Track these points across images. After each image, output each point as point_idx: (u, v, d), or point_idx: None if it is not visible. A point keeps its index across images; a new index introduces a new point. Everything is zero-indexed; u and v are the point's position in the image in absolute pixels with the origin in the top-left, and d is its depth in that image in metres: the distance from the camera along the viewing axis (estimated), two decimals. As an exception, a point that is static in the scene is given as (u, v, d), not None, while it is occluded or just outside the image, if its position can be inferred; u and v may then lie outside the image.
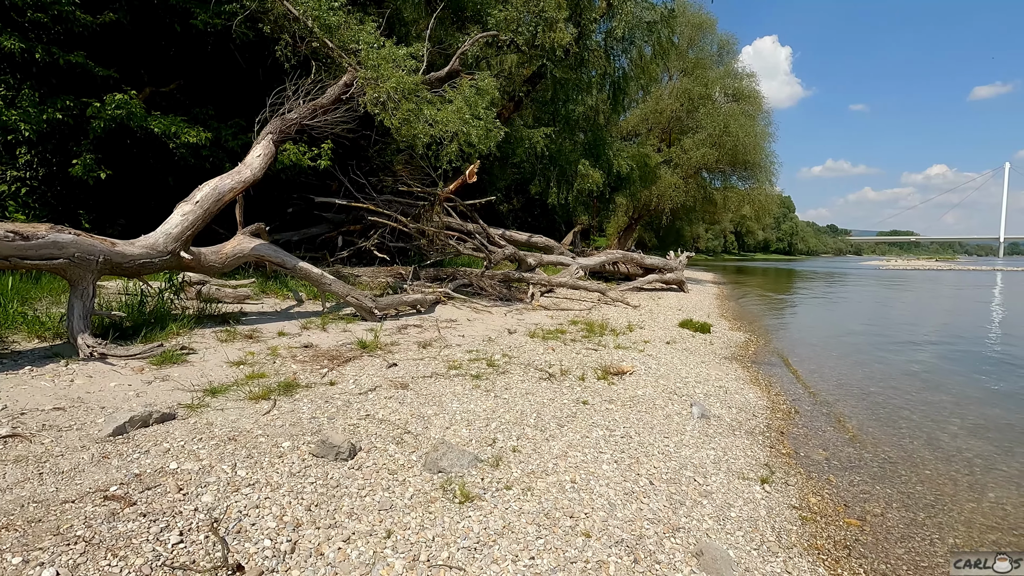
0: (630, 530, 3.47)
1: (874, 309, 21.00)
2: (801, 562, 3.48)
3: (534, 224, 26.05)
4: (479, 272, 13.06)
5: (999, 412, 7.07)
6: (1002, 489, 4.77)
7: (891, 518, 4.23)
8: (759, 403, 6.90)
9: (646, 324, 11.65)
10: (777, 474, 4.80)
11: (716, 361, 9.03)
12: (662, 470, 4.44)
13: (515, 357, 7.42)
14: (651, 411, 5.88)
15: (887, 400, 7.48)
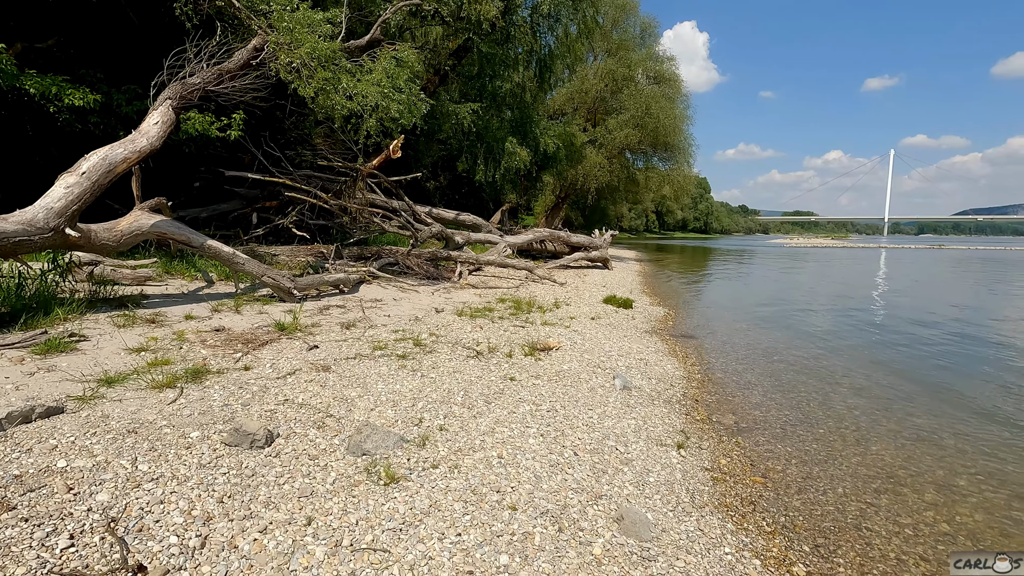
0: (555, 500, 3.55)
1: (779, 284, 22.66)
2: (712, 519, 3.72)
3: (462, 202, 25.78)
4: (405, 250, 12.77)
5: (882, 373, 7.87)
6: (882, 442, 5.32)
7: (790, 473, 4.61)
8: (676, 373, 7.27)
9: (572, 301, 11.91)
10: (692, 439, 5.09)
11: (638, 335, 9.40)
12: (586, 441, 4.58)
13: (443, 336, 7.35)
14: (576, 385, 6.04)
15: (788, 366, 8.12)
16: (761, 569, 3.26)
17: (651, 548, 3.22)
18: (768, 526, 3.78)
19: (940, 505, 4.15)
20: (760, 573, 3.21)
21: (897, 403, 6.54)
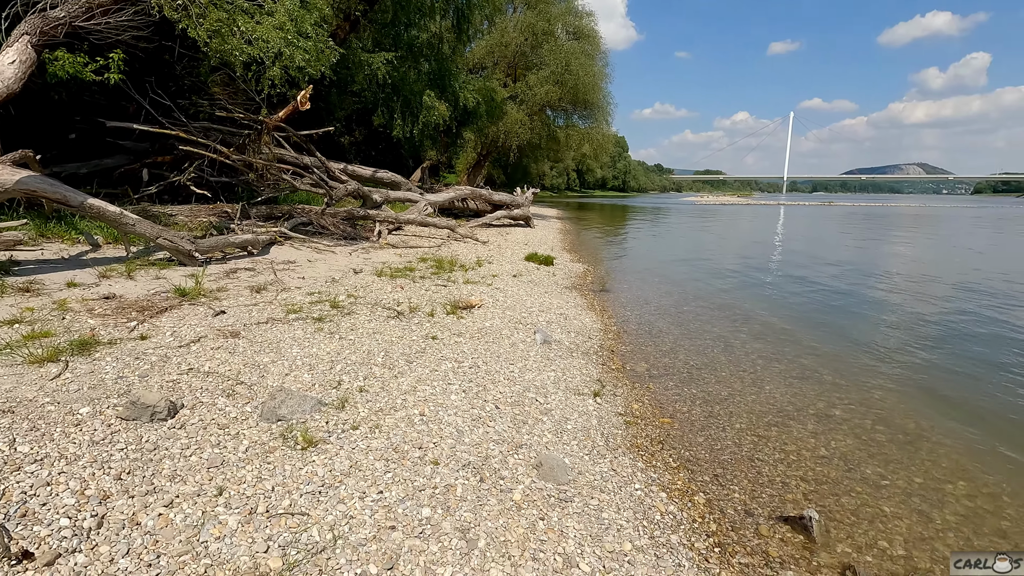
0: (477, 453, 3.64)
1: (690, 240, 23.93)
2: (624, 460, 3.98)
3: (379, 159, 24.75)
4: (319, 209, 12.17)
5: (777, 319, 8.62)
6: (774, 382, 5.87)
7: (695, 413, 5.00)
8: (594, 326, 7.57)
9: (494, 259, 11.95)
10: (607, 387, 5.36)
11: (558, 291, 9.64)
12: (507, 395, 4.70)
13: (361, 297, 7.15)
14: (498, 341, 6.13)
15: (696, 316, 8.68)
16: (667, 500, 3.54)
17: (568, 490, 3.39)
18: (674, 462, 4.10)
19: (819, 433, 4.68)
20: (666, 504, 3.49)
21: (788, 346, 7.20)
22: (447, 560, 2.58)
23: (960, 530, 3.41)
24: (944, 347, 7.23)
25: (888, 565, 3.11)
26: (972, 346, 7.27)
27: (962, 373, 6.22)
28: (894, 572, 3.03)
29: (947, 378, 6.06)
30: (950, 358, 6.76)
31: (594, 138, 36.85)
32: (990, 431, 4.74)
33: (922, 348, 7.15)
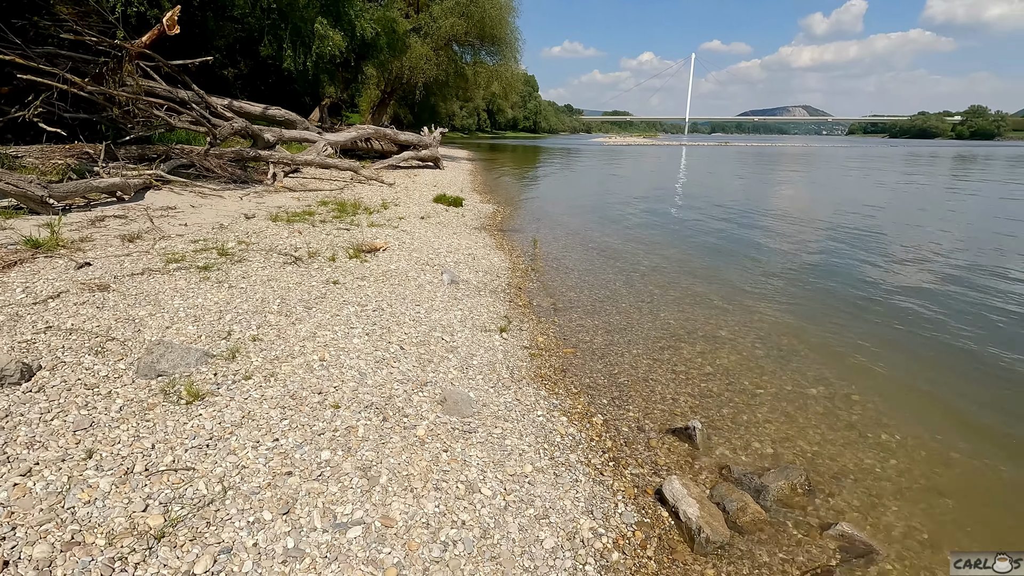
0: (380, 394, 3.59)
1: (598, 180, 24.43)
2: (528, 389, 4.10)
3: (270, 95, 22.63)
4: (202, 150, 11.03)
5: (675, 252, 9.11)
6: (669, 309, 6.25)
7: (596, 342, 5.23)
8: (503, 265, 7.60)
9: (401, 201, 11.55)
10: (513, 323, 5.45)
11: (467, 232, 9.54)
12: (413, 335, 4.64)
13: (254, 243, 6.67)
14: (404, 283, 6.00)
15: (601, 252, 8.97)
16: (567, 424, 3.72)
17: (472, 422, 3.46)
18: (575, 388, 4.29)
19: (706, 352, 5.08)
20: (566, 427, 3.67)
21: (683, 277, 7.65)
22: (347, 499, 2.56)
23: (818, 427, 3.90)
24: (817, 273, 8.01)
25: (758, 461, 3.49)
26: (840, 272, 8.12)
27: (831, 295, 6.95)
28: (762, 466, 3.42)
29: (817, 300, 6.75)
30: (821, 282, 7.51)
31: (503, 76, 35.82)
32: (849, 343, 5.37)
33: (799, 274, 7.88)
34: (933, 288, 7.18)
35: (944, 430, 3.86)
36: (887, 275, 7.83)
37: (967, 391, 4.43)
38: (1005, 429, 3.89)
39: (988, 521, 3.02)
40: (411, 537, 2.40)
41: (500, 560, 2.38)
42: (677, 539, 2.79)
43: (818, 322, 5.94)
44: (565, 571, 2.42)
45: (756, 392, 4.38)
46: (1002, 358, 5.00)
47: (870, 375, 4.69)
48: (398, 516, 2.51)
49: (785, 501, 3.10)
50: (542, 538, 2.58)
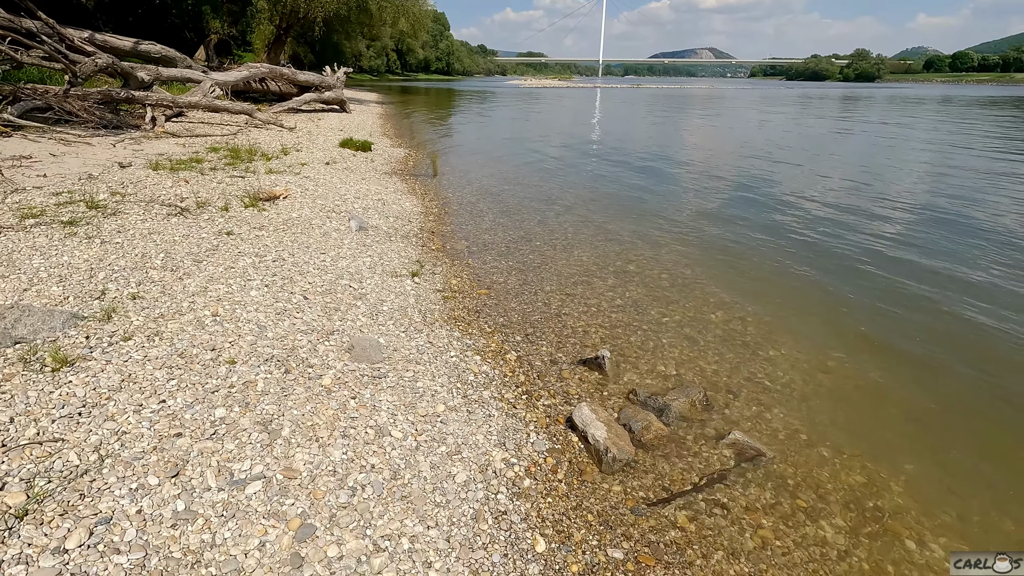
0: (282, 346, 3.39)
1: (514, 123, 24.03)
2: (441, 332, 4.04)
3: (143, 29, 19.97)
4: (60, 90, 9.59)
5: (589, 192, 9.21)
6: (582, 247, 6.35)
7: (510, 282, 5.23)
8: (415, 210, 7.35)
9: (304, 146, 10.77)
10: (426, 267, 5.32)
11: (377, 177, 9.10)
12: (318, 284, 4.40)
13: (132, 194, 5.97)
14: (307, 231, 5.64)
15: (515, 194, 8.89)
16: (480, 362, 3.72)
17: (382, 367, 3.36)
18: (489, 328, 4.28)
19: (617, 286, 5.23)
20: (479, 366, 3.67)
21: (596, 215, 7.77)
22: (245, 455, 2.42)
23: (716, 348, 4.16)
24: (720, 209, 8.41)
25: (662, 383, 3.69)
26: (741, 208, 8.57)
27: (731, 228, 7.33)
28: (666, 387, 3.61)
29: (719, 232, 7.10)
30: (724, 217, 7.90)
31: (410, 12, 33.81)
32: (745, 271, 5.73)
33: (704, 210, 8.24)
34: (819, 219, 7.76)
35: (823, 343, 4.25)
36: (782, 209, 8.37)
37: (845, 308, 4.88)
38: (874, 338, 4.33)
39: (856, 420, 3.39)
40: (316, 486, 2.32)
41: (411, 498, 2.36)
42: (586, 461, 2.91)
43: (719, 253, 6.26)
44: (477, 502, 2.45)
45: (662, 320, 4.58)
46: (877, 277, 5.53)
47: (763, 298, 5.03)
48: (302, 467, 2.41)
49: (685, 417, 3.30)
50: (454, 473, 2.58)
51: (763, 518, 2.62)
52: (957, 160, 13.23)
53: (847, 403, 3.55)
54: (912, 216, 7.90)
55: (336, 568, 1.98)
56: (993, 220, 7.63)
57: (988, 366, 3.95)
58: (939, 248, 6.40)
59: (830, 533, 2.57)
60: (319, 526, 2.14)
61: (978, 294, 5.09)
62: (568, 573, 2.22)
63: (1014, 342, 4.26)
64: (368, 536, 2.14)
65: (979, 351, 4.15)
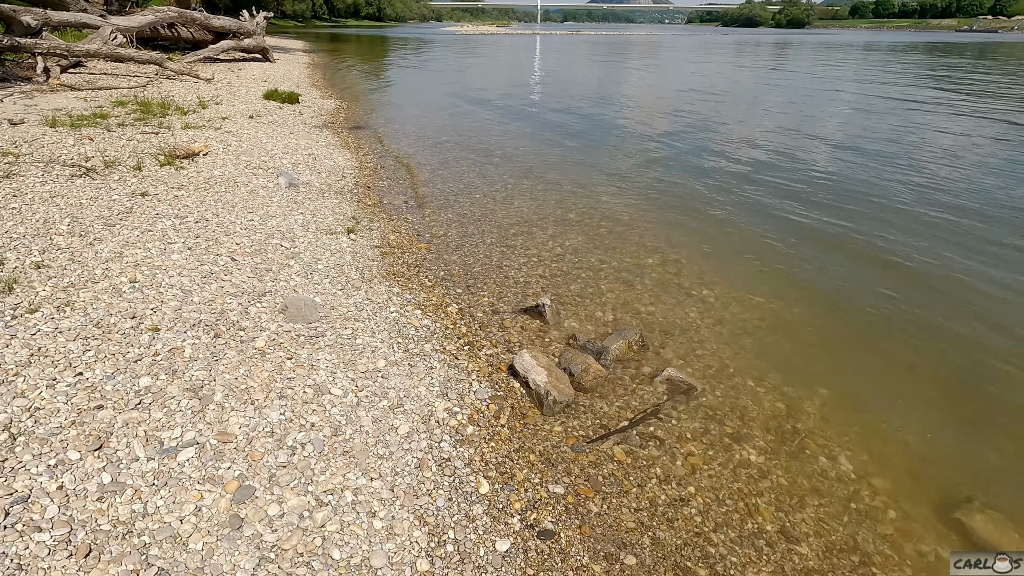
0: (210, 310, 3.24)
1: (451, 72, 23.17)
2: (380, 288, 3.97)
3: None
4: (-72, 38, 8.43)
5: (529, 142, 9.10)
6: (522, 197, 6.31)
7: (450, 235, 5.16)
8: (348, 165, 7.05)
9: (224, 99, 10.01)
10: (362, 223, 5.16)
11: (306, 131, 8.63)
12: (246, 245, 4.20)
13: (27, 155, 5.42)
14: (232, 190, 5.33)
15: (455, 145, 8.68)
16: (421, 316, 3.69)
17: (319, 326, 3.29)
18: (429, 282, 4.24)
19: (557, 235, 5.26)
20: (420, 320, 3.64)
21: (536, 165, 7.71)
22: (175, 423, 2.33)
23: (652, 291, 4.30)
24: (658, 156, 8.52)
25: (601, 328, 3.80)
26: (678, 155, 8.71)
27: (668, 174, 7.46)
28: (604, 331, 3.72)
29: (656, 179, 7.22)
30: (661, 164, 8.02)
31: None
32: (680, 215, 5.88)
33: (642, 158, 8.33)
34: (751, 166, 8.02)
35: (751, 282, 4.47)
36: (716, 157, 8.58)
37: (772, 249, 5.12)
38: (796, 276, 4.59)
39: (778, 352, 3.63)
40: (254, 448, 2.28)
41: (353, 453, 2.36)
42: (528, 406, 2.99)
43: (656, 200, 6.39)
44: (420, 451, 2.48)
45: (600, 267, 4.67)
46: (801, 219, 5.81)
47: (697, 242, 5.21)
48: (237, 430, 2.35)
49: (622, 358, 3.43)
50: (396, 425, 2.60)
51: (693, 446, 2.80)
52: (877, 105, 13.88)
53: (771, 337, 3.78)
54: (835, 162, 8.29)
55: (278, 525, 1.98)
56: (909, 162, 8.11)
57: (898, 296, 4.28)
58: (858, 191, 6.77)
59: (753, 455, 2.78)
60: (258, 487, 2.11)
61: (891, 232, 5.45)
62: (511, 510, 2.31)
63: (921, 271, 4.63)
64: (310, 492, 2.13)
65: (890, 283, 4.48)
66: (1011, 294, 4.29)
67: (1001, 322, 3.93)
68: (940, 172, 7.47)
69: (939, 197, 6.43)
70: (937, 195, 6.51)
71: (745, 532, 2.37)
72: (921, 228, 5.52)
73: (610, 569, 2.14)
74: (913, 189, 6.73)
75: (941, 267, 4.70)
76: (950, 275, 4.57)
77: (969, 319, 3.97)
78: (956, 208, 6.06)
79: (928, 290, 4.37)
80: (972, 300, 4.22)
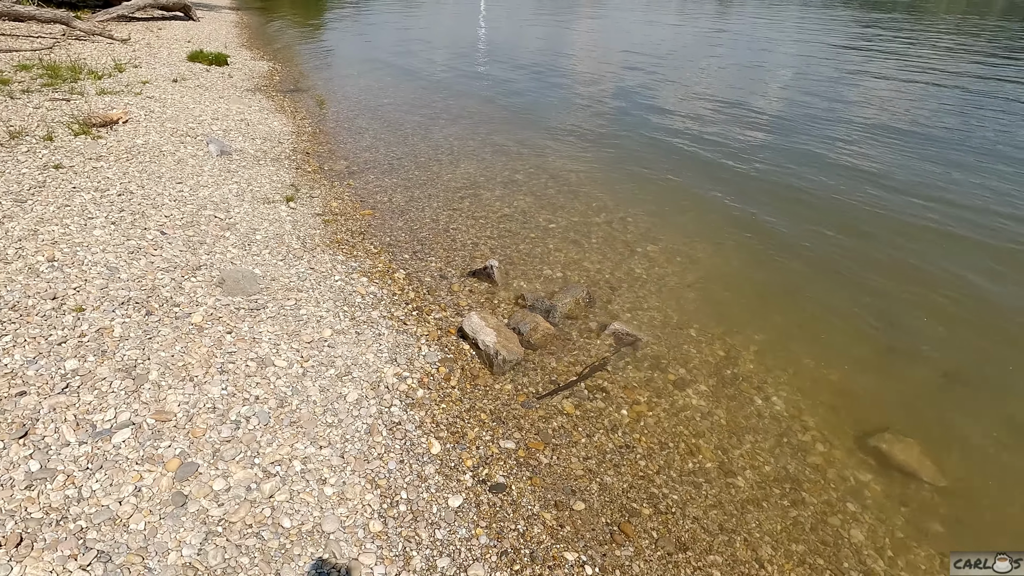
0: (140, 287, 3.08)
1: (393, 28, 22.17)
2: (323, 257, 3.87)
3: None
4: None
5: (474, 103, 8.88)
6: (469, 160, 6.20)
7: (396, 200, 5.05)
8: (285, 130, 6.72)
9: (143, 61, 9.27)
10: (302, 191, 4.97)
11: (237, 95, 8.13)
12: (176, 217, 3.98)
13: (-84, 127, 4.91)
14: (158, 160, 5.00)
15: (397, 107, 8.38)
16: (368, 284, 3.63)
17: (260, 298, 3.18)
18: (375, 248, 4.16)
19: (504, 196, 5.23)
20: (367, 287, 3.58)
21: (482, 126, 7.56)
22: (108, 404, 2.24)
23: (599, 249, 4.36)
24: (605, 116, 8.49)
25: (549, 286, 3.84)
26: (625, 113, 8.71)
27: (613, 133, 7.47)
28: (552, 290, 3.77)
29: (601, 138, 7.22)
30: (605, 123, 8.00)
31: None
32: (626, 174, 5.93)
33: (587, 117, 8.28)
34: (694, 122, 8.12)
35: (694, 236, 4.59)
36: (661, 113, 8.63)
37: (713, 204, 5.25)
38: (736, 229, 4.74)
39: (719, 302, 3.77)
40: (195, 425, 2.22)
41: (300, 423, 2.34)
42: (479, 366, 3.01)
43: (602, 158, 6.40)
44: (370, 417, 2.48)
45: (548, 227, 4.69)
46: (740, 173, 5.96)
47: (642, 199, 5.28)
48: (176, 408, 2.28)
49: (570, 315, 3.49)
50: (345, 393, 2.58)
51: (638, 395, 2.91)
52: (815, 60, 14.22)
53: (712, 287, 3.92)
54: (775, 119, 8.49)
55: (224, 499, 1.95)
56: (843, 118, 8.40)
57: (826, 246, 4.49)
58: (796, 147, 6.98)
59: (694, 399, 2.92)
60: (202, 463, 2.07)
61: (823, 186, 5.68)
62: (463, 467, 2.35)
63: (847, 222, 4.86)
64: (257, 464, 2.11)
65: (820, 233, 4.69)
66: (927, 239, 4.58)
67: (917, 265, 4.20)
68: (872, 125, 7.78)
69: (872, 152, 6.72)
70: (870, 149, 6.79)
71: (686, 471, 2.50)
72: (851, 183, 5.77)
73: (560, 515, 2.23)
74: (847, 144, 7.00)
75: (864, 218, 4.96)
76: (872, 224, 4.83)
77: (886, 265, 4.23)
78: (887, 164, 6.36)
79: (852, 239, 4.60)
80: (890, 246, 4.48)
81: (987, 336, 3.49)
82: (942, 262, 4.22)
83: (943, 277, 4.04)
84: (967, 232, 4.65)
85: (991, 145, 6.80)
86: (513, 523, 2.15)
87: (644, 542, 2.18)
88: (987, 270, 4.13)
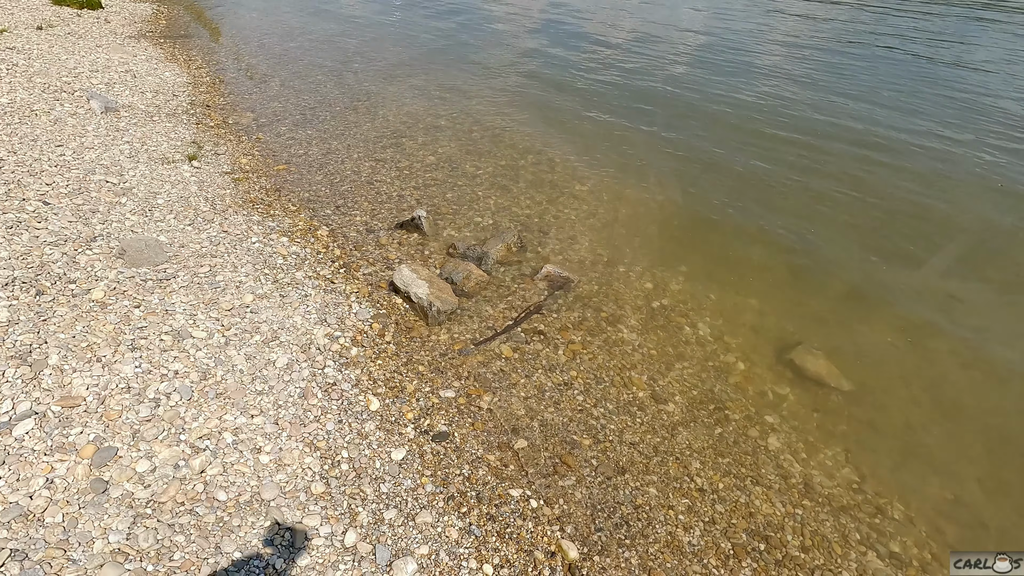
0: (27, 264, 2.77)
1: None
2: (237, 218, 3.61)
3: None
4: None
5: (389, 45, 8.35)
6: (388, 107, 5.89)
7: (312, 153, 4.75)
8: (179, 81, 6.09)
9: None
10: (206, 148, 4.57)
11: (118, 42, 7.24)
12: (61, 185, 3.57)
13: None
14: (30, 120, 4.42)
15: (305, 51, 7.76)
16: (289, 244, 3.44)
17: (168, 268, 2.95)
18: (293, 206, 3.93)
19: (428, 144, 5.04)
20: (288, 247, 3.40)
21: (401, 69, 7.16)
22: (3, 395, 2.04)
23: (528, 192, 4.33)
24: (527, 56, 8.24)
25: (480, 233, 3.79)
26: (547, 54, 8.48)
27: (535, 75, 7.29)
28: (483, 237, 3.72)
29: (525, 79, 7.03)
30: (531, 64, 7.78)
31: None
32: (552, 115, 5.85)
33: (510, 59, 8.01)
34: (617, 63, 8.04)
35: (620, 174, 4.64)
36: (584, 53, 8.48)
37: (637, 142, 5.30)
38: (660, 165, 4.83)
39: (646, 237, 3.87)
40: (109, 407, 2.07)
41: (228, 394, 2.23)
42: (413, 319, 2.97)
43: (527, 100, 6.26)
44: (303, 380, 2.40)
45: (476, 173, 4.58)
46: (661, 112, 6.02)
47: (567, 140, 5.24)
48: (85, 392, 2.11)
49: (503, 261, 3.48)
50: (274, 359, 2.48)
51: (573, 334, 2.98)
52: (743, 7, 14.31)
53: (639, 223, 4.01)
54: (696, 56, 8.55)
55: (151, 480, 1.85)
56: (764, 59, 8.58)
57: (742, 176, 4.67)
58: (716, 82, 7.09)
59: (626, 333, 3.02)
60: (120, 446, 1.94)
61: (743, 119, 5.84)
62: (404, 420, 2.35)
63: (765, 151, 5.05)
64: (183, 441, 2.01)
65: (742, 163, 4.86)
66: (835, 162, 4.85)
67: (826, 186, 4.46)
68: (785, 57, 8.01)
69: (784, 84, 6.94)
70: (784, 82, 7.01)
71: (622, 401, 2.62)
72: (767, 114, 5.96)
73: (503, 456, 2.28)
74: (765, 77, 7.19)
75: (779, 146, 5.17)
76: (786, 151, 5.05)
77: (797, 188, 4.47)
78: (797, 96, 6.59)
79: (769, 165, 4.80)
80: (800, 170, 4.72)
81: (883, 251, 3.79)
82: (848, 183, 4.50)
83: (849, 197, 4.32)
84: (871, 153, 4.96)
85: (890, 77, 7.20)
86: (458, 468, 2.19)
87: (585, 471, 2.28)
88: (890, 188, 4.45)
